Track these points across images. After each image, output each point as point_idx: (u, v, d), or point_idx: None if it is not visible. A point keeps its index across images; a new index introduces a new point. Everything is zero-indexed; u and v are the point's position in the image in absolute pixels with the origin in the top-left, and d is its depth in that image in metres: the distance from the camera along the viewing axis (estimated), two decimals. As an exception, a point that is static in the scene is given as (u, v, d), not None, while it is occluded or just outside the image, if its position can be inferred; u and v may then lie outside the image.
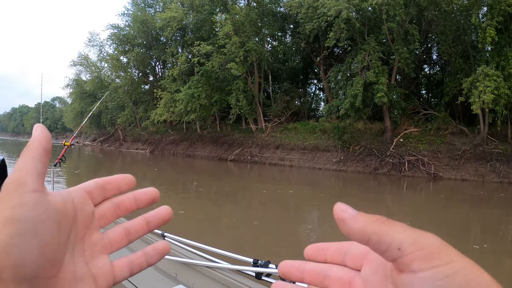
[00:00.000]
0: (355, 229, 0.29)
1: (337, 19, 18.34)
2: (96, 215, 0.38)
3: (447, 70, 21.03)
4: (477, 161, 16.09)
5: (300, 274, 0.37)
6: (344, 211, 0.31)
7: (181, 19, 27.35)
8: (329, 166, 19.46)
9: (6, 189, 0.30)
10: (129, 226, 0.40)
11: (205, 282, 1.88)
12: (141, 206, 0.40)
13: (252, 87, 24.48)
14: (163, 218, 0.41)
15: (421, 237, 0.27)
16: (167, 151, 30.05)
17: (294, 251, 5.87)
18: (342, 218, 0.30)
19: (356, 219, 0.30)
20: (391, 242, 0.27)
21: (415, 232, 0.28)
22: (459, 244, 6.56)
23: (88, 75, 42.74)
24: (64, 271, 0.32)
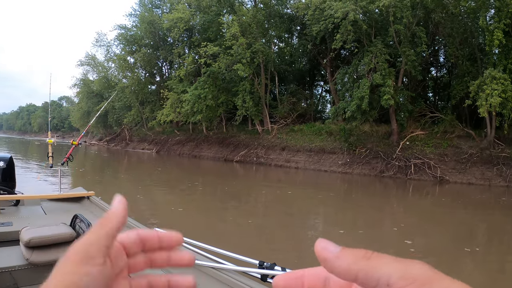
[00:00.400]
0: (340, 268, 0.28)
1: (344, 21, 18.32)
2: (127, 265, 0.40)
3: (454, 72, 20.90)
4: (483, 165, 15.98)
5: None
6: (326, 249, 0.29)
7: (188, 20, 27.44)
8: (335, 168, 19.42)
9: (77, 256, 0.35)
10: (153, 281, 0.41)
11: (210, 283, 1.88)
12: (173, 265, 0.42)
13: (258, 88, 24.49)
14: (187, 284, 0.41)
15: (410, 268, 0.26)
16: (173, 152, 30.12)
17: (298, 253, 5.87)
18: (324, 257, 0.29)
19: (340, 258, 0.28)
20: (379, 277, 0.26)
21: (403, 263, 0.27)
22: (460, 248, 6.54)
23: (95, 75, 43.03)
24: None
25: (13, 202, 3.72)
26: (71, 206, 3.85)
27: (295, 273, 0.35)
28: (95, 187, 4.97)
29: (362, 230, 7.53)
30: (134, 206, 8.75)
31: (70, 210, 3.52)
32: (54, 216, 3.34)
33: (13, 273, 2.24)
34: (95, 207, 3.71)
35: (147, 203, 9.90)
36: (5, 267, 2.23)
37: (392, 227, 8.33)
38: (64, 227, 2.59)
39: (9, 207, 3.62)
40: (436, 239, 7.11)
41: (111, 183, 13.59)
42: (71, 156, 4.45)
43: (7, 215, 3.29)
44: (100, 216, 3.37)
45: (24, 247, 2.33)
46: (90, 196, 4.02)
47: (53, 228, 2.52)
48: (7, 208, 3.54)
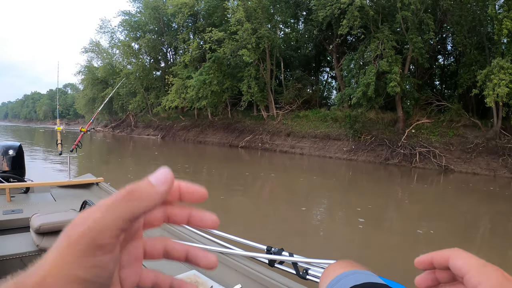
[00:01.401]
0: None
1: (350, 7, 18.12)
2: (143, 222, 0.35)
3: (461, 61, 20.64)
4: (489, 155, 15.88)
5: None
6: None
7: (192, 5, 27.28)
8: (339, 155, 19.42)
9: (80, 244, 0.27)
10: (170, 248, 0.36)
11: (219, 268, 1.91)
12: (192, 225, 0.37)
13: (264, 74, 24.40)
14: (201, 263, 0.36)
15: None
16: (178, 137, 30.20)
17: (305, 238, 5.92)
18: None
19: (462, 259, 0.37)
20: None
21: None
22: (465, 238, 6.57)
23: (100, 61, 42.92)
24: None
25: (23, 189, 3.78)
26: (80, 192, 3.90)
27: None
28: (102, 174, 5.01)
29: (366, 217, 7.57)
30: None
31: (80, 196, 3.57)
32: (64, 202, 3.39)
33: (23, 259, 2.28)
34: (105, 193, 3.76)
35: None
36: (16, 253, 2.28)
37: (399, 215, 8.38)
38: (73, 213, 2.64)
39: (19, 194, 3.68)
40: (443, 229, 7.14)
41: (118, 169, 13.68)
42: (80, 143, 4.48)
43: (18, 202, 3.34)
44: None
45: (35, 234, 2.37)
46: (99, 182, 4.07)
47: (63, 214, 2.56)
48: (17, 196, 3.60)
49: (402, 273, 4.42)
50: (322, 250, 5.39)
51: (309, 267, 1.61)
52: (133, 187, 0.30)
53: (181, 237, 2.29)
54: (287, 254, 1.70)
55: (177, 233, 2.35)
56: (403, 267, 4.70)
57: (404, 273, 4.56)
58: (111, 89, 37.69)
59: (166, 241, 0.37)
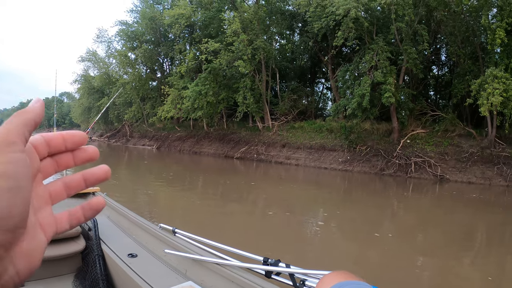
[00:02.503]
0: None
1: (345, 18, 18.27)
2: (40, 169, 0.39)
3: (455, 71, 20.84)
4: (484, 164, 15.98)
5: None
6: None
7: (189, 16, 27.40)
8: (335, 166, 19.44)
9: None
10: (68, 181, 0.41)
11: (215, 279, 1.90)
12: (79, 163, 0.42)
13: (259, 85, 24.48)
14: (100, 177, 0.42)
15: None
16: (173, 148, 30.15)
17: (301, 250, 5.91)
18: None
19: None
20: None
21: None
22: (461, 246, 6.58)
23: (96, 71, 42.92)
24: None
25: None
26: (76, 201, 3.85)
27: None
28: (103, 184, 5.00)
29: (365, 228, 7.57)
30: (136, 203, 8.79)
31: (75, 205, 3.55)
32: (59, 212, 3.37)
33: None
34: None
35: (149, 199, 9.93)
36: None
37: (392, 227, 8.38)
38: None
39: None
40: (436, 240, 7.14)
41: (113, 178, 13.61)
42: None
43: None
44: (105, 211, 3.41)
45: None
46: (95, 192, 4.05)
47: None
48: None
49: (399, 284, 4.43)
50: (318, 260, 5.38)
51: (306, 278, 1.61)
52: (19, 111, 0.34)
53: (176, 247, 2.28)
54: (283, 265, 1.69)
55: (172, 243, 2.35)
56: (401, 278, 4.71)
57: (399, 283, 4.56)
58: (107, 98, 37.67)
59: (62, 179, 0.41)
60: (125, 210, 3.20)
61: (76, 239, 2.50)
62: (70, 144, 0.41)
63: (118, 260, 2.22)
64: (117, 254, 2.30)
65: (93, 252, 2.34)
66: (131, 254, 2.27)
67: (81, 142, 0.41)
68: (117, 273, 2.19)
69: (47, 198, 0.39)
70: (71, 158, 0.41)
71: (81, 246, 2.47)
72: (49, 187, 0.40)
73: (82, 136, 0.41)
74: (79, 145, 0.41)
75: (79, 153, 0.41)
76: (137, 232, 2.74)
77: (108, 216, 3.22)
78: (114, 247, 2.41)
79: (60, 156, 0.41)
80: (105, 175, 0.42)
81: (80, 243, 2.49)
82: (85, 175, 0.41)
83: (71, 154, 0.41)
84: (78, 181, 0.41)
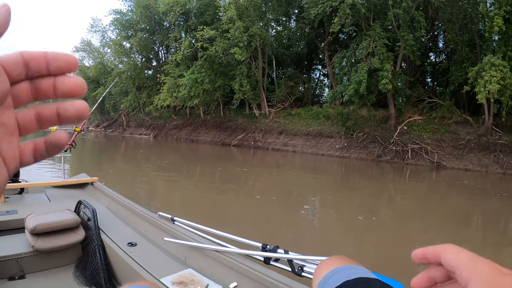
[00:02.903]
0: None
1: (342, 4, 18.15)
2: (10, 94, 0.32)
3: (453, 58, 20.78)
4: (480, 151, 16.05)
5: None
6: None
7: (184, 3, 27.14)
8: (332, 152, 19.49)
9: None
10: (40, 111, 0.35)
11: (214, 266, 1.92)
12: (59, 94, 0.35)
13: (255, 72, 24.38)
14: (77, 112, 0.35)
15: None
16: (170, 136, 30.10)
17: (298, 235, 5.95)
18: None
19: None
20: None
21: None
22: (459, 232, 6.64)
23: (91, 61, 42.64)
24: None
25: (18, 190, 3.76)
26: (75, 192, 3.88)
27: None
28: (96, 173, 5.00)
29: (362, 213, 7.62)
30: (134, 192, 8.80)
31: (74, 196, 3.55)
32: (59, 202, 3.38)
33: (19, 260, 2.27)
34: (99, 193, 3.74)
35: (147, 187, 9.95)
36: (11, 255, 2.27)
37: (388, 211, 8.44)
38: (68, 213, 2.62)
39: (13, 195, 3.66)
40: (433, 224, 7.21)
41: (111, 168, 13.63)
42: (74, 143, 4.45)
43: (12, 203, 3.33)
44: (104, 201, 3.42)
45: (30, 234, 2.36)
46: (93, 182, 4.05)
47: (58, 214, 2.55)
48: (12, 196, 3.58)
49: (397, 268, 4.47)
50: (315, 245, 5.42)
51: (304, 264, 1.62)
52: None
53: (175, 235, 2.30)
54: (282, 251, 1.71)
55: (171, 231, 2.36)
56: (400, 263, 4.76)
57: (400, 268, 4.61)
58: (103, 88, 37.45)
59: (35, 107, 0.35)
60: (124, 200, 3.21)
61: (76, 230, 2.52)
62: (55, 68, 0.34)
63: (118, 249, 2.23)
64: (116, 243, 2.31)
65: (93, 242, 2.35)
66: (130, 243, 2.29)
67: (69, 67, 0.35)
68: (117, 262, 2.21)
69: (13, 128, 0.33)
70: (51, 86, 0.34)
71: (81, 236, 2.49)
72: (18, 115, 0.34)
73: (70, 59, 0.34)
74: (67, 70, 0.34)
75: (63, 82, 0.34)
76: (136, 221, 2.76)
77: (107, 205, 3.23)
78: (113, 236, 2.42)
79: (41, 82, 0.34)
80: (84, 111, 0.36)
81: (80, 233, 2.51)
82: (60, 108, 0.35)
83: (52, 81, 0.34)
84: (52, 112, 0.35)
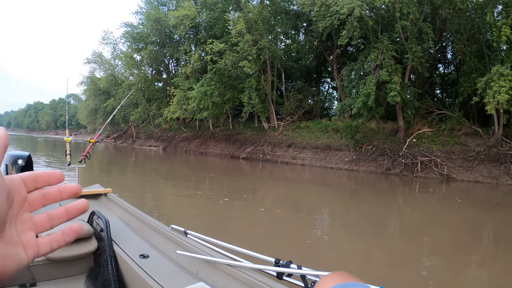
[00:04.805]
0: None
1: (350, 17, 18.25)
2: (27, 200, 0.45)
3: (461, 69, 20.73)
4: (491, 163, 15.88)
5: None
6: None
7: (194, 17, 27.51)
8: (341, 166, 19.43)
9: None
10: (52, 213, 0.47)
11: (226, 280, 1.92)
12: (65, 197, 0.48)
13: (265, 85, 24.51)
14: (79, 209, 0.49)
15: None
16: (179, 148, 30.26)
17: (309, 250, 5.93)
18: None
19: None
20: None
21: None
22: (469, 247, 6.56)
23: (102, 72, 43.23)
24: (6, 232, 0.40)
25: None
26: (88, 203, 3.91)
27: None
28: (108, 184, 5.06)
29: (373, 229, 7.57)
30: (146, 204, 8.84)
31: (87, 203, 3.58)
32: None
33: (31, 268, 2.30)
34: (113, 204, 3.77)
35: (157, 200, 9.99)
36: None
37: (399, 227, 8.37)
38: (81, 223, 2.65)
39: None
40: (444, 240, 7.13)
41: (121, 180, 13.71)
42: (88, 154, 4.53)
43: None
44: (117, 212, 3.45)
45: None
46: (107, 193, 4.08)
47: (71, 224, 2.57)
48: None
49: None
50: (327, 260, 5.39)
51: (317, 279, 1.63)
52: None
53: (188, 248, 2.31)
54: (295, 266, 1.72)
55: (183, 244, 2.38)
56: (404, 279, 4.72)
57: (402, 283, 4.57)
58: (114, 100, 37.91)
59: (47, 212, 0.47)
60: (137, 211, 3.23)
61: (89, 240, 2.55)
62: (54, 180, 0.47)
63: (130, 260, 2.25)
64: (128, 255, 2.33)
65: (105, 253, 2.38)
66: (142, 255, 2.30)
67: (58, 180, 0.47)
68: (129, 274, 2.22)
69: (31, 225, 0.45)
70: (58, 193, 0.48)
71: (93, 246, 2.51)
72: (34, 217, 0.46)
73: (57, 175, 0.47)
74: (60, 181, 0.48)
75: (64, 189, 0.48)
76: (148, 233, 2.78)
77: (120, 217, 3.26)
78: (126, 247, 2.44)
79: (48, 191, 0.47)
80: (84, 207, 0.50)
81: (93, 243, 2.54)
82: (67, 208, 0.48)
83: (57, 190, 0.48)
84: (60, 213, 0.48)
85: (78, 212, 0.49)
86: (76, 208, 0.49)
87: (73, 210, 0.49)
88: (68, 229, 0.49)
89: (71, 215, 0.49)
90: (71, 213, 0.48)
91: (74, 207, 0.49)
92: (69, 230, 0.49)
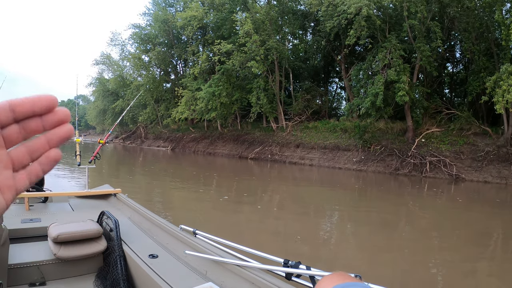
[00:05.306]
0: None
1: (357, 17, 18.17)
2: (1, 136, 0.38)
3: (470, 68, 20.51)
4: (500, 163, 15.71)
5: None
6: None
7: (201, 18, 27.58)
8: (349, 166, 19.35)
9: None
10: (30, 145, 0.40)
11: (235, 280, 1.94)
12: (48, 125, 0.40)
13: (272, 85, 24.50)
14: (63, 135, 0.41)
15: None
16: (188, 149, 30.34)
17: (318, 251, 5.93)
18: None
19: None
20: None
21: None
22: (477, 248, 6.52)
23: (111, 73, 43.55)
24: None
25: (42, 199, 3.86)
26: (98, 203, 3.96)
27: None
28: (117, 184, 5.10)
29: (382, 229, 7.54)
30: (154, 204, 8.89)
31: (97, 207, 3.62)
32: (81, 212, 3.46)
33: (41, 267, 2.33)
34: (122, 204, 3.80)
35: (166, 199, 10.04)
36: (33, 262, 2.33)
37: (409, 229, 8.33)
38: (91, 223, 2.68)
39: (38, 203, 3.75)
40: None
41: (130, 180, 13.79)
42: (98, 154, 4.57)
43: (36, 211, 3.41)
44: (126, 213, 3.48)
45: (52, 243, 2.42)
46: (116, 193, 4.11)
47: (81, 224, 2.61)
48: (36, 205, 3.68)
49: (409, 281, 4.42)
50: (338, 264, 5.39)
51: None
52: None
53: (197, 248, 2.33)
54: (304, 267, 1.72)
55: (192, 244, 2.40)
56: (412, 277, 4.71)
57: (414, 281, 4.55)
58: (122, 100, 38.13)
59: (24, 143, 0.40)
60: (146, 212, 3.26)
61: (98, 240, 2.58)
62: (39, 109, 0.38)
63: (139, 260, 2.27)
64: (138, 254, 2.35)
65: (115, 253, 2.40)
66: (152, 255, 2.33)
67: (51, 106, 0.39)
68: (138, 273, 2.25)
69: (6, 162, 0.38)
70: (39, 123, 0.39)
71: (103, 246, 2.55)
72: (11, 152, 0.39)
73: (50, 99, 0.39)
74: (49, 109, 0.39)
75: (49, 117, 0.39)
76: (158, 233, 2.80)
77: (129, 217, 3.29)
78: (135, 247, 2.47)
79: (28, 122, 0.39)
80: (68, 133, 0.41)
81: (102, 243, 2.57)
82: (47, 136, 0.40)
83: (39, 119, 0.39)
84: (41, 143, 0.40)
85: (60, 139, 0.41)
86: (57, 135, 0.40)
87: (54, 138, 0.40)
88: (44, 157, 0.41)
89: (53, 143, 0.41)
90: (53, 141, 0.40)
91: (55, 135, 0.40)
92: (45, 159, 0.41)
